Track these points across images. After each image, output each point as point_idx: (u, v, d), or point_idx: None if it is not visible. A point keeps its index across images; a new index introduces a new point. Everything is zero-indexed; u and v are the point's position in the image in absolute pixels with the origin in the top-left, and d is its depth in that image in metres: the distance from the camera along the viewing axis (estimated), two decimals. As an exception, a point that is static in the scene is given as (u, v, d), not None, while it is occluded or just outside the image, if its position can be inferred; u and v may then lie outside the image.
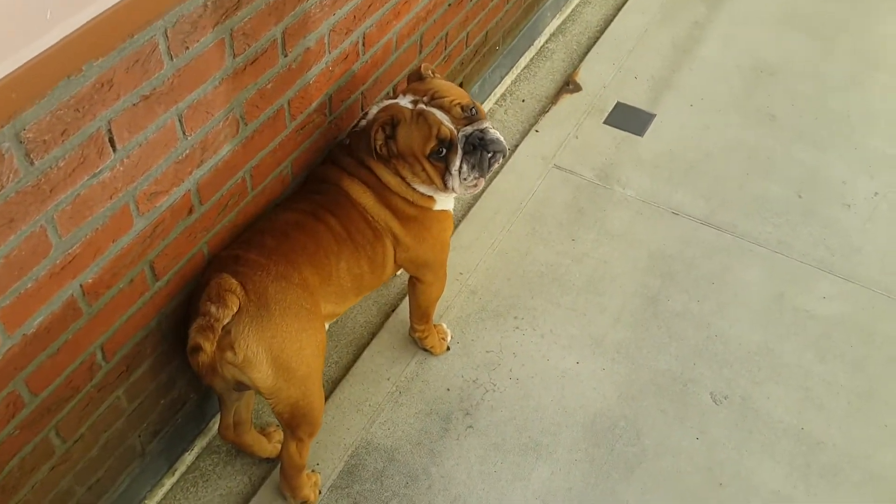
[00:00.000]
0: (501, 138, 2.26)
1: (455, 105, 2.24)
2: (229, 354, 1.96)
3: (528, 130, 3.53)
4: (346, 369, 2.72)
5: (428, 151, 2.21)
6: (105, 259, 1.81)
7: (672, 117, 3.60)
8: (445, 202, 2.41)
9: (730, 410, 2.65)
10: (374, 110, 2.31)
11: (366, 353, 2.75)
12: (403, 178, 2.30)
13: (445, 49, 3.04)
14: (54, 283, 1.71)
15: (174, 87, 1.77)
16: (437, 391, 2.66)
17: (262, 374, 2.01)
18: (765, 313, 2.91)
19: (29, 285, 1.65)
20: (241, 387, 2.11)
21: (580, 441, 2.56)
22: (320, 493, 2.42)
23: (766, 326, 2.87)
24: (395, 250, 2.36)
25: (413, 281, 2.53)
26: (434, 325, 2.72)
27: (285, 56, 2.10)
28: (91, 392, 1.98)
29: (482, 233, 3.12)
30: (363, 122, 2.33)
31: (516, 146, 3.46)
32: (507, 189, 3.28)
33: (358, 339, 2.81)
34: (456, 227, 3.13)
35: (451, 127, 2.21)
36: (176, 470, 2.46)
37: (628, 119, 3.59)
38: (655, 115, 3.61)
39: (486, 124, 2.25)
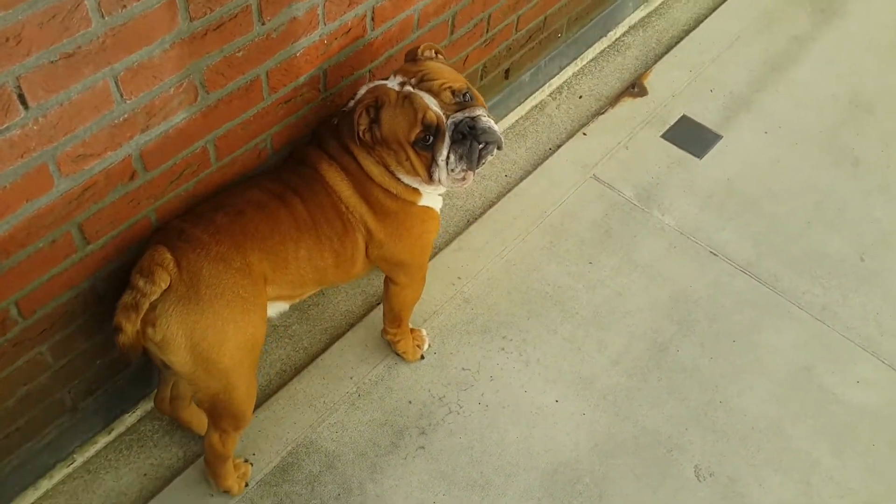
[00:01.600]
0: (496, 127, 2.01)
1: (445, 88, 2.00)
2: (150, 331, 1.84)
3: (576, 131, 3.23)
4: (312, 358, 2.56)
5: (413, 138, 1.99)
6: (16, 217, 1.69)
7: (741, 142, 3.23)
8: (431, 198, 2.20)
9: (712, 490, 2.36)
10: (362, 91, 2.10)
11: (336, 345, 2.58)
12: (387, 167, 2.09)
13: (487, 32, 2.77)
14: (-50, 238, 1.61)
15: (106, 47, 1.61)
16: (398, 401, 2.48)
17: (179, 358, 1.87)
18: (784, 386, 2.57)
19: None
20: (165, 365, 1.99)
21: (535, 489, 2.34)
22: (247, 485, 2.29)
23: (781, 402, 2.54)
24: (367, 246, 2.16)
25: (387, 281, 2.34)
26: (412, 330, 2.53)
27: (262, 24, 1.91)
28: (4, 346, 1.89)
29: (494, 237, 2.87)
30: (351, 103, 2.12)
31: (558, 147, 3.17)
32: (535, 194, 3.01)
33: (335, 328, 2.65)
34: (468, 225, 2.91)
35: (439, 112, 1.97)
36: (113, 429, 2.38)
37: (690, 136, 3.23)
38: (722, 136, 3.24)
39: (480, 111, 2.01)
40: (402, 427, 2.43)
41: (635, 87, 3.40)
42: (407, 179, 2.11)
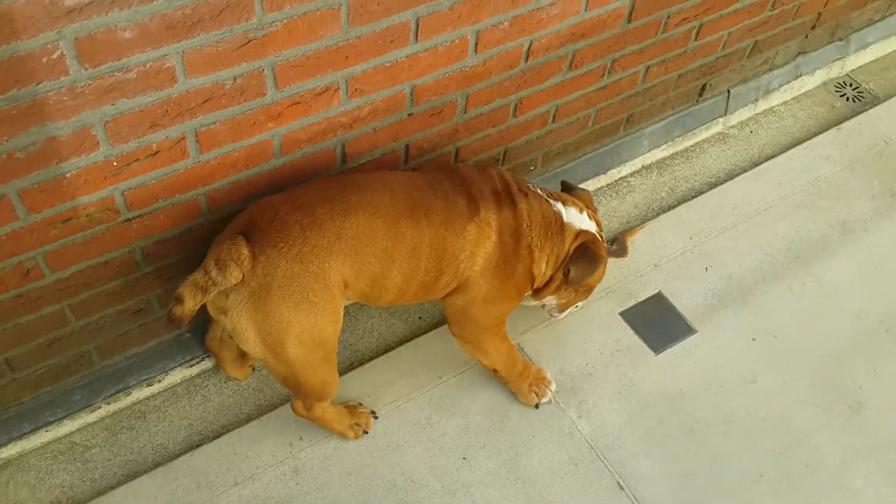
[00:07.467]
0: None
1: None
2: (223, 318, 1.93)
3: (522, 284, 2.71)
4: (97, 495, 2.21)
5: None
6: None
7: (716, 345, 2.61)
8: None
9: None
10: (585, 222, 2.26)
11: (123, 488, 2.21)
12: (548, 288, 2.31)
13: (406, 161, 2.32)
14: None
15: None
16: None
17: (250, 346, 1.95)
18: None
19: None
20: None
21: None
22: (366, 432, 2.33)
23: None
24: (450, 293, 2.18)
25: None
26: (542, 377, 2.44)
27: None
28: None
29: (366, 396, 2.42)
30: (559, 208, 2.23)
31: (491, 299, 2.67)
32: (439, 350, 2.53)
33: (138, 462, 2.28)
34: (348, 370, 2.47)
35: None
36: None
37: (656, 322, 2.64)
38: (696, 332, 2.63)
39: None
40: None
41: (614, 245, 2.84)
42: (548, 299, 2.37)
